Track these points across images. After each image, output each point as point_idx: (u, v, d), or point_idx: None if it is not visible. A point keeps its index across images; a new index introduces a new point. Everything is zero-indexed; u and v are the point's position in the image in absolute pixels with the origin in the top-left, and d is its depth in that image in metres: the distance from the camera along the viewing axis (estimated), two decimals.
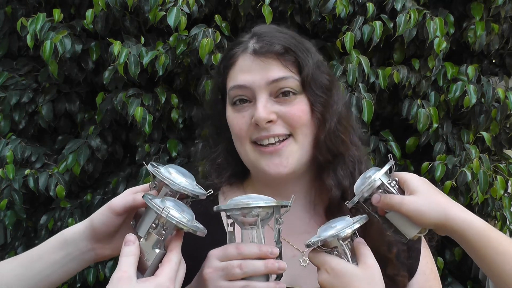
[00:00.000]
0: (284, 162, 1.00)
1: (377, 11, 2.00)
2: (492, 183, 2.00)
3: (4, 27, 2.25)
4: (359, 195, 0.90)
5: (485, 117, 2.09)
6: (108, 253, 0.92)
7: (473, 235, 0.86)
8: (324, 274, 0.86)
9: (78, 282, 2.14)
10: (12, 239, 2.31)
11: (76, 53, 2.02)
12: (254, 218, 0.86)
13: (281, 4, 2.01)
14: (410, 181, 0.89)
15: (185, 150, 2.09)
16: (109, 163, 2.22)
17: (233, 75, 1.04)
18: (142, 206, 0.88)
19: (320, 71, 1.05)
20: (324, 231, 0.88)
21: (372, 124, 2.06)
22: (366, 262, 0.86)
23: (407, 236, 0.90)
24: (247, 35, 1.07)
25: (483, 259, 0.88)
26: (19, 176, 2.05)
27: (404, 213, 0.87)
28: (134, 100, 1.97)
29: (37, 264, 0.91)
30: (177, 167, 0.89)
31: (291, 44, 1.02)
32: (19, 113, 2.16)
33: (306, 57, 1.02)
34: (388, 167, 0.90)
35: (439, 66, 2.04)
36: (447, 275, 2.24)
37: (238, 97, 1.02)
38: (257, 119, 0.98)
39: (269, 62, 1.00)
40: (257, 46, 1.01)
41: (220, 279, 0.83)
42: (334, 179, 1.04)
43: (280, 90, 1.00)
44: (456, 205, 0.88)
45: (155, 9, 1.90)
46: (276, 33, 1.05)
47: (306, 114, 1.01)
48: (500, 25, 2.11)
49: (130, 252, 0.79)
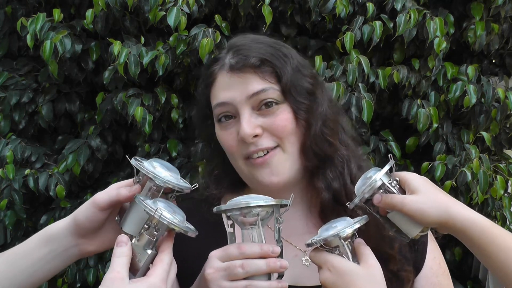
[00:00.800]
0: (274, 171, 1.00)
1: (377, 11, 2.00)
2: (492, 183, 2.00)
3: (4, 27, 2.25)
4: (360, 196, 0.89)
5: (485, 117, 2.09)
6: (92, 249, 0.91)
7: (476, 232, 0.86)
8: (326, 273, 0.86)
9: (78, 282, 2.14)
10: (12, 239, 2.31)
11: (76, 53, 2.02)
12: (254, 218, 0.86)
13: (281, 4, 2.01)
14: (411, 180, 0.89)
15: (185, 150, 2.09)
16: (109, 163, 2.22)
17: (215, 93, 1.04)
18: (126, 200, 0.88)
19: (301, 75, 1.04)
20: (325, 231, 0.89)
21: (372, 124, 2.06)
22: (368, 261, 0.86)
23: (409, 235, 0.90)
24: (224, 49, 1.07)
25: (488, 256, 0.88)
26: (19, 176, 2.05)
27: (406, 213, 0.87)
28: (134, 100, 1.97)
29: (22, 261, 0.90)
30: (161, 161, 0.88)
31: (267, 54, 1.01)
32: (19, 113, 2.16)
33: (284, 65, 1.01)
34: (388, 167, 0.89)
35: (439, 66, 2.04)
36: None
37: (222, 114, 1.03)
38: (242, 136, 0.98)
39: (246, 77, 1.00)
40: (233, 61, 1.01)
41: (222, 279, 0.83)
42: (324, 182, 1.04)
43: (261, 102, 1.00)
44: (458, 203, 0.88)
45: (155, 9, 1.90)
46: (252, 44, 1.04)
47: (290, 122, 1.01)
48: (500, 25, 2.11)
49: (122, 253, 0.79)
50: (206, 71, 1.09)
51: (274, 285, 0.83)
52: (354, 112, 1.92)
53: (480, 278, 2.42)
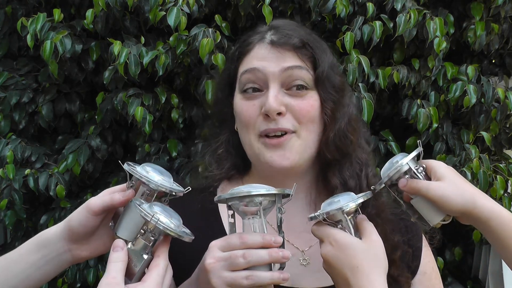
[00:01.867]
0: (287, 154, 0.99)
1: (377, 11, 2.00)
2: (492, 183, 2.00)
3: (4, 27, 2.25)
4: (386, 178, 0.89)
5: (485, 117, 2.09)
6: (85, 254, 0.91)
7: (500, 224, 0.86)
8: (328, 246, 0.86)
9: (78, 282, 2.14)
10: (12, 239, 2.31)
11: (76, 53, 2.02)
12: (255, 208, 0.84)
13: (281, 4, 2.01)
14: (438, 168, 0.89)
15: (185, 150, 2.09)
16: (109, 163, 2.22)
17: (247, 61, 1.03)
18: (120, 205, 0.88)
19: (333, 72, 1.05)
20: (328, 205, 0.88)
21: (372, 124, 2.06)
22: (370, 237, 0.86)
23: (430, 223, 0.90)
24: (265, 27, 1.07)
25: (509, 249, 0.88)
26: (19, 176, 2.05)
27: (431, 198, 0.86)
28: (134, 100, 1.97)
29: (16, 266, 0.91)
30: (153, 165, 0.88)
31: (309, 39, 1.03)
32: (19, 113, 2.16)
33: (323, 55, 1.02)
34: (416, 153, 0.90)
35: (439, 66, 2.04)
36: (447, 275, 2.24)
37: (249, 84, 1.01)
38: (267, 109, 0.97)
39: (285, 53, 1.00)
40: (275, 37, 1.01)
41: (223, 270, 0.82)
42: (340, 178, 1.03)
43: (293, 81, 1.00)
44: (483, 194, 0.89)
45: (155, 9, 1.90)
46: (294, 27, 1.05)
47: (315, 109, 1.01)
48: (500, 25, 2.11)
49: (118, 258, 0.79)
50: (242, 41, 1.08)
51: (276, 276, 0.82)
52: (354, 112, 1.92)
53: (480, 278, 2.42)
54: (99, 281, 0.76)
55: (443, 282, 1.15)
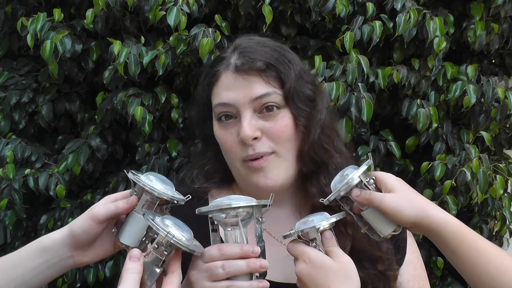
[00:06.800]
0: (269, 175, 1.03)
1: (377, 11, 2.00)
2: (491, 183, 2.00)
3: (4, 27, 2.24)
4: (335, 193, 0.91)
5: (485, 117, 2.09)
6: (87, 260, 0.93)
7: (450, 233, 0.88)
8: (302, 264, 0.89)
9: (78, 282, 2.14)
10: (12, 239, 2.31)
11: (76, 53, 2.02)
12: (235, 219, 0.88)
13: (281, 4, 2.01)
14: (388, 179, 0.91)
15: (185, 150, 2.09)
16: (109, 163, 2.22)
17: (217, 92, 1.05)
18: (124, 213, 0.90)
19: (303, 81, 1.06)
20: (302, 224, 0.91)
21: (372, 124, 2.07)
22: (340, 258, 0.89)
23: (381, 234, 0.92)
24: (229, 48, 1.09)
25: (459, 257, 0.90)
26: (19, 176, 2.05)
27: (384, 210, 0.88)
28: (134, 100, 1.97)
29: (15, 270, 0.91)
30: (156, 174, 0.92)
31: (272, 59, 1.03)
32: (19, 113, 2.16)
33: (288, 71, 1.03)
34: (366, 167, 0.91)
35: (439, 66, 2.04)
36: (447, 275, 2.24)
37: (223, 113, 1.04)
38: (242, 138, 1.00)
39: (251, 80, 1.01)
40: (239, 62, 1.03)
41: (205, 280, 0.85)
42: (317, 187, 1.07)
43: (263, 105, 1.02)
44: (432, 204, 0.91)
45: (155, 9, 1.90)
46: (258, 47, 1.05)
47: (289, 128, 1.03)
48: (500, 25, 2.11)
49: (135, 269, 0.81)
50: (209, 69, 1.10)
51: (255, 285, 0.85)
52: (353, 112, 1.92)
53: None
54: (99, 281, 0.77)
55: (443, 282, 1.16)
